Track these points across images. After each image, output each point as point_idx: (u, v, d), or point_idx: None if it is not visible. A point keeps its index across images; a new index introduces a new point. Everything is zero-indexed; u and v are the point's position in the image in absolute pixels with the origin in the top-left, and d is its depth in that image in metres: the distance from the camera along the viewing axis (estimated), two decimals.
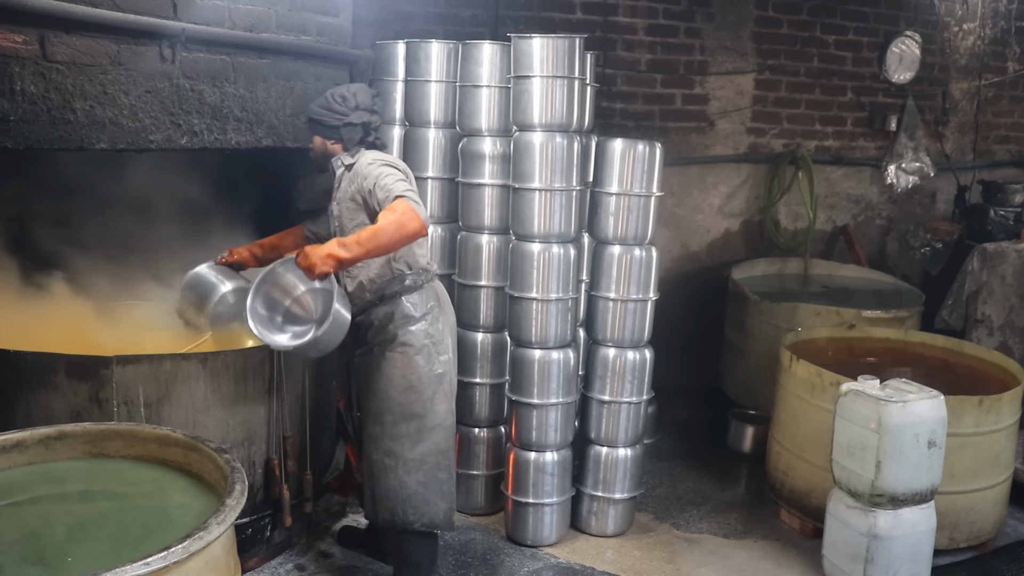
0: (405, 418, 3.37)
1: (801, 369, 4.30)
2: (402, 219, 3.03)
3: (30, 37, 2.91)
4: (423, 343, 3.35)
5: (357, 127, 3.39)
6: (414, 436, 3.38)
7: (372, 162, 3.30)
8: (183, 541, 2.17)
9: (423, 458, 3.39)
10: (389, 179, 3.19)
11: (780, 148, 6.45)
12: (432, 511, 3.43)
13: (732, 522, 4.47)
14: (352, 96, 3.40)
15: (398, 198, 3.09)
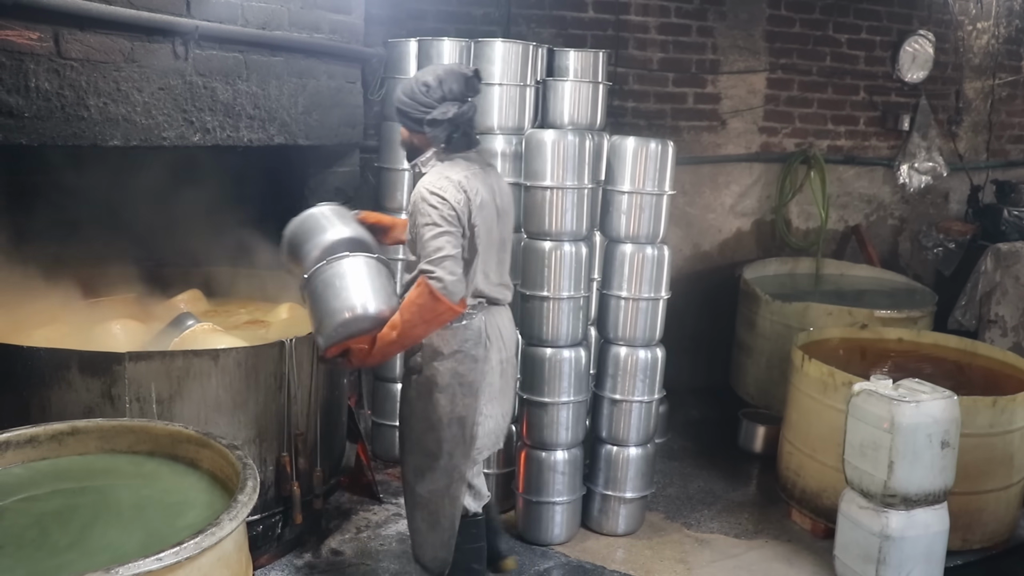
0: (416, 451, 3.22)
1: (813, 369, 4.29)
2: (423, 313, 2.92)
3: (45, 34, 2.92)
4: (448, 382, 3.12)
5: (443, 124, 3.04)
6: (423, 471, 3.21)
7: (423, 193, 2.98)
8: (195, 537, 2.17)
9: (430, 497, 3.22)
10: (427, 233, 2.94)
11: (792, 147, 6.43)
12: (427, 556, 3.29)
13: (743, 522, 4.46)
14: (438, 84, 3.04)
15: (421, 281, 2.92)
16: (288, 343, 3.49)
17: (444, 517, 3.25)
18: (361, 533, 4.07)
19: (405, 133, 3.16)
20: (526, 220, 3.89)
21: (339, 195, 4.52)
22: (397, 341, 3.00)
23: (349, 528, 4.11)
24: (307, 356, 3.61)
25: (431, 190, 2.98)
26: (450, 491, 3.22)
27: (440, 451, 3.17)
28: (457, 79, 3.07)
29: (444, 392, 3.12)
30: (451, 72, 3.09)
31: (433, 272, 2.92)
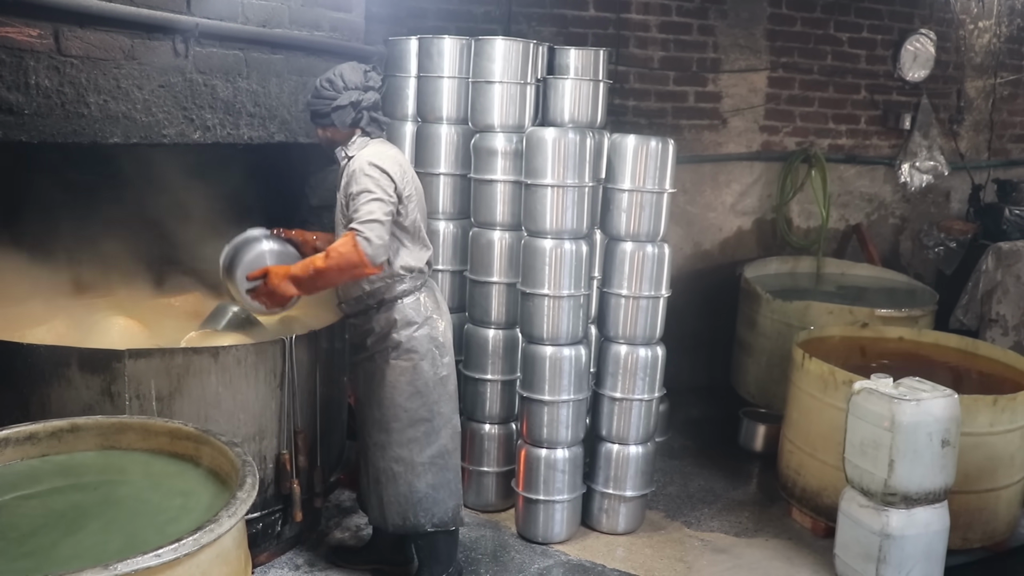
0: (412, 423, 3.37)
1: (814, 367, 4.28)
2: (342, 262, 3.08)
3: (45, 31, 2.91)
4: (427, 348, 3.34)
5: (346, 108, 3.25)
6: (422, 440, 3.38)
7: (361, 165, 3.19)
8: (194, 533, 2.16)
9: (432, 461, 3.40)
10: (361, 200, 3.14)
11: (793, 146, 6.43)
12: (441, 510, 3.45)
13: (743, 521, 4.45)
14: (338, 77, 3.27)
15: (349, 232, 3.09)
16: (288, 340, 3.49)
17: (450, 470, 3.47)
18: (361, 531, 4.06)
19: (320, 132, 3.36)
20: (526, 218, 3.88)
21: None
22: (313, 277, 3.15)
23: (349, 526, 4.11)
24: (307, 353, 3.61)
25: (371, 161, 3.19)
26: (450, 445, 3.46)
27: (432, 414, 3.38)
28: (355, 72, 3.30)
29: (425, 358, 3.34)
30: (349, 66, 3.33)
31: (362, 231, 3.08)
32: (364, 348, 3.39)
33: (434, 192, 4.14)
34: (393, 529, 3.48)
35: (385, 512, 3.45)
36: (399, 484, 3.39)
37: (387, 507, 3.43)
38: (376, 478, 3.43)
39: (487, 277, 4.07)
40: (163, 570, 2.10)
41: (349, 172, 3.24)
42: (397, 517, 3.43)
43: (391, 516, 3.44)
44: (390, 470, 3.39)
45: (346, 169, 3.29)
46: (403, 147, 4.26)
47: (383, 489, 3.42)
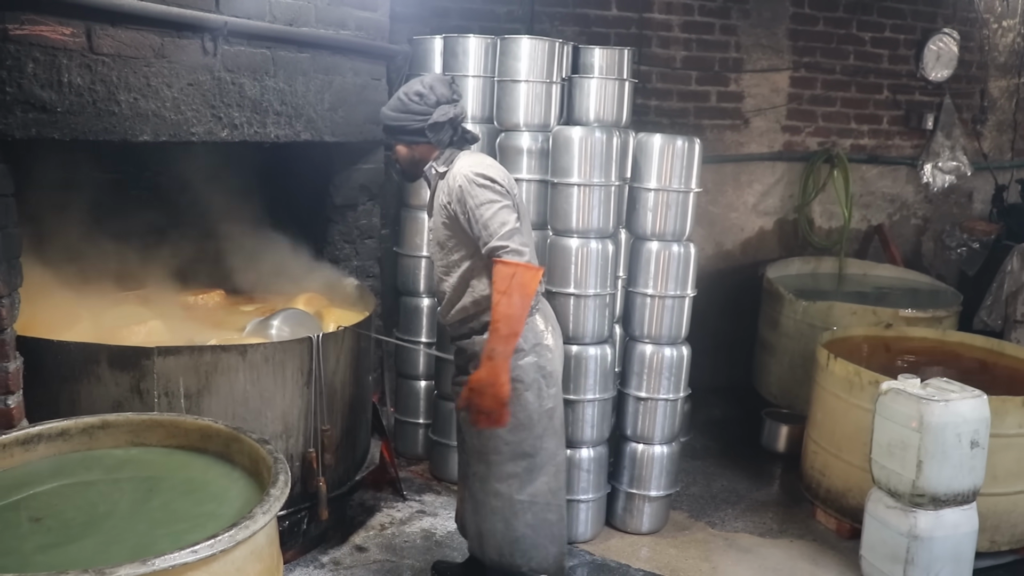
0: (514, 458, 3.15)
1: (839, 368, 4.26)
2: (522, 296, 2.87)
3: (77, 30, 2.92)
4: (533, 378, 3.11)
5: (445, 125, 3.08)
6: (523, 476, 3.17)
7: (467, 177, 2.98)
8: (230, 530, 2.17)
9: (533, 499, 3.18)
10: (487, 211, 2.93)
11: (815, 146, 6.41)
12: (541, 556, 3.23)
13: (767, 521, 4.44)
14: (429, 91, 3.08)
15: (499, 261, 2.88)
16: (315, 339, 3.49)
17: (552, 511, 3.24)
18: (385, 530, 4.07)
19: (403, 150, 3.18)
20: (553, 217, 3.88)
21: (363, 192, 4.53)
22: (505, 335, 2.89)
23: (373, 524, 4.12)
24: (333, 352, 3.61)
25: (476, 171, 3.00)
26: (553, 484, 3.23)
27: (537, 449, 3.16)
28: (443, 83, 3.14)
29: (531, 388, 3.11)
30: (436, 79, 3.16)
31: (507, 246, 2.89)
32: (466, 372, 3.17)
33: None
34: (490, 564, 3.30)
35: (483, 544, 3.29)
36: (496, 520, 3.21)
37: (485, 539, 3.27)
38: (475, 508, 3.28)
39: None
40: (199, 566, 2.11)
41: (451, 188, 3.04)
42: (494, 552, 3.26)
43: (488, 550, 3.28)
44: (488, 503, 3.21)
45: (440, 184, 3.13)
46: None
47: (482, 521, 3.26)
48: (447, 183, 3.08)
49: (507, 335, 2.88)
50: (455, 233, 3.09)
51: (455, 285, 3.15)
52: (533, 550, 3.22)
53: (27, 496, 2.57)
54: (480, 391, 2.90)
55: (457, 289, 3.15)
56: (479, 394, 2.91)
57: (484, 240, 2.94)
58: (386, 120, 3.17)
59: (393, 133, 3.17)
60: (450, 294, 3.18)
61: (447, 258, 3.15)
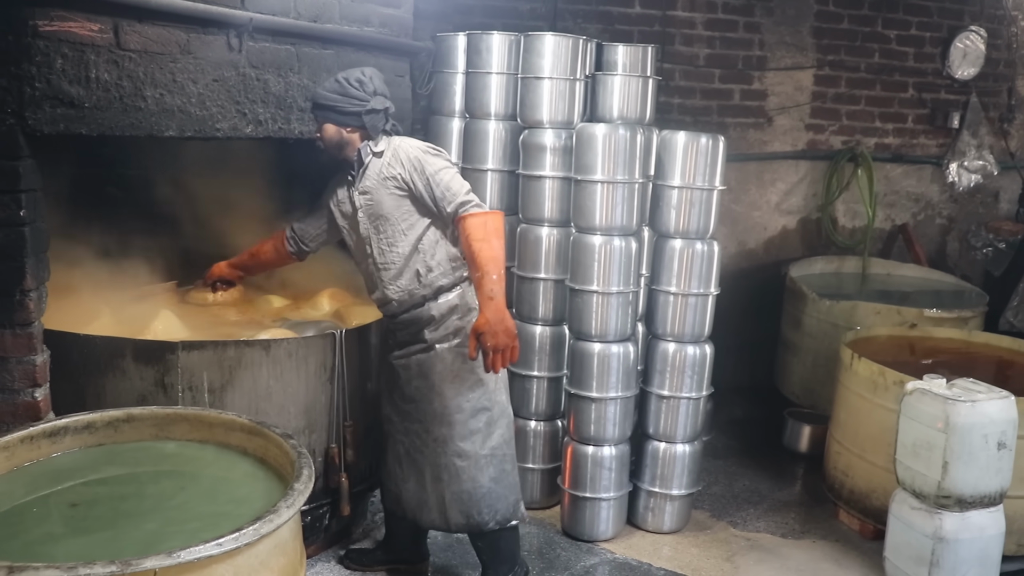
0: (474, 414, 3.30)
1: (863, 367, 4.23)
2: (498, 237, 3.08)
3: (105, 25, 2.94)
4: None
5: (380, 113, 3.22)
6: (484, 431, 3.32)
7: (420, 148, 3.22)
8: (254, 523, 2.18)
9: (493, 452, 3.34)
10: (446, 175, 3.16)
11: (839, 145, 6.36)
12: (503, 506, 3.38)
13: (790, 522, 4.41)
14: (369, 80, 3.23)
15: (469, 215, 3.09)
16: (339, 334, 3.50)
17: (508, 461, 3.42)
18: None
19: (332, 131, 3.25)
20: (576, 214, 3.87)
21: None
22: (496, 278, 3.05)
23: None
24: (357, 347, 3.62)
25: (425, 145, 3.27)
26: (507, 434, 3.41)
27: (492, 402, 3.33)
28: (380, 78, 3.29)
29: None
30: (375, 72, 3.29)
31: (472, 200, 3.13)
32: (420, 340, 3.29)
33: (482, 188, 4.14)
34: (455, 529, 3.41)
35: (447, 511, 3.36)
36: (462, 480, 3.31)
37: (449, 506, 3.35)
38: (436, 476, 3.35)
39: (535, 273, 4.06)
40: (224, 559, 2.12)
41: (391, 160, 3.22)
42: (460, 516, 3.35)
43: (453, 515, 3.36)
44: (452, 466, 3.31)
45: (374, 163, 3.26)
46: (450, 143, 4.27)
47: (444, 487, 3.34)
48: (391, 157, 3.23)
49: (499, 275, 3.05)
50: (408, 199, 3.22)
51: (406, 252, 3.24)
52: (497, 502, 3.36)
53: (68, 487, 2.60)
54: (493, 332, 2.99)
55: (407, 255, 3.25)
56: (492, 335, 2.99)
57: (448, 200, 3.13)
58: (320, 99, 3.23)
59: (324, 111, 3.23)
60: (400, 262, 3.25)
61: (394, 227, 3.24)
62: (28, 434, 2.73)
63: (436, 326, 3.27)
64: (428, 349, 3.29)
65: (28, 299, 2.92)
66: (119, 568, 1.95)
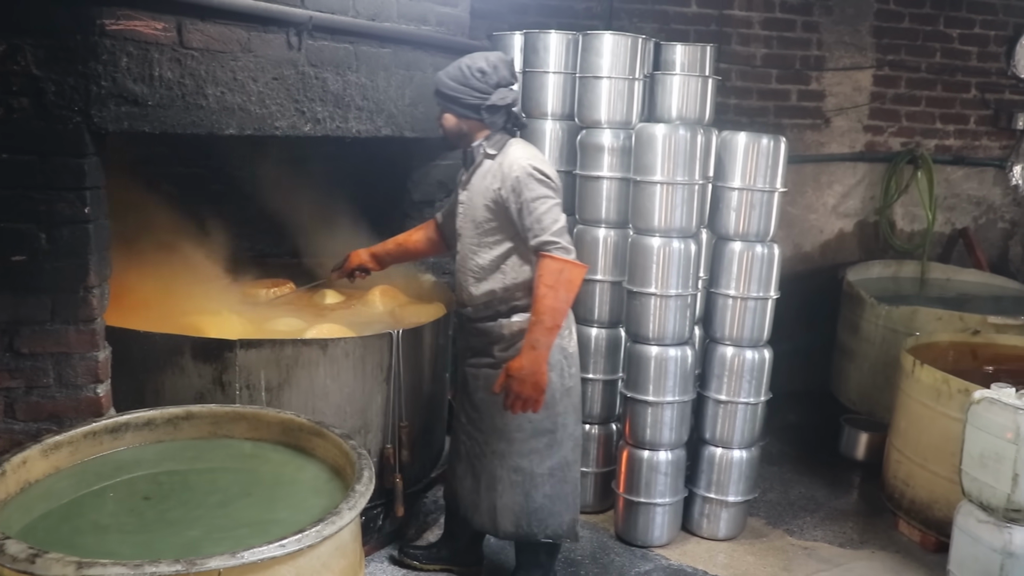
0: (536, 435, 3.25)
1: (926, 374, 4.12)
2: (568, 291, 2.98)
3: (169, 24, 2.95)
4: (557, 359, 3.19)
5: (501, 110, 3.11)
6: (544, 452, 3.27)
7: (525, 170, 3.02)
8: (316, 525, 2.17)
9: (552, 472, 3.29)
10: (542, 206, 2.99)
11: (898, 147, 6.23)
12: (556, 522, 3.34)
13: (848, 531, 4.32)
14: (493, 70, 3.08)
15: (549, 256, 2.96)
16: (395, 334, 3.49)
17: (568, 483, 3.35)
18: None
19: (452, 120, 3.17)
20: (634, 215, 3.82)
21: (441, 189, 4.52)
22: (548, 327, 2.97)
23: None
24: (413, 348, 3.60)
25: (534, 165, 3.05)
26: (570, 457, 3.34)
27: (557, 426, 3.26)
28: (506, 65, 3.14)
29: (554, 369, 3.17)
30: (500, 59, 3.14)
31: (558, 243, 2.98)
32: (489, 355, 3.25)
33: None
34: (504, 536, 3.40)
35: (497, 519, 3.35)
36: (515, 493, 3.29)
37: (500, 513, 3.34)
38: (491, 485, 3.33)
39: (591, 275, 4.00)
40: (286, 560, 2.11)
41: (497, 169, 3.10)
42: (510, 525, 3.34)
43: (503, 523, 3.34)
44: (508, 479, 3.29)
45: (485, 163, 3.16)
46: None
47: (497, 496, 3.32)
48: (497, 167, 3.10)
49: (551, 327, 2.97)
50: (496, 217, 3.13)
51: (486, 266, 3.19)
52: (550, 518, 3.32)
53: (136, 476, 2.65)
54: (522, 379, 2.95)
55: (487, 269, 3.19)
56: (520, 382, 2.96)
57: (535, 233, 3.00)
58: (442, 87, 3.14)
59: (446, 101, 3.15)
60: (478, 272, 3.21)
61: (480, 237, 3.19)
62: (91, 429, 2.76)
63: (506, 345, 3.21)
64: (496, 366, 3.22)
65: (91, 295, 2.94)
66: (184, 567, 1.95)
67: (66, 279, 2.91)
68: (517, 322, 3.19)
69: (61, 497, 2.52)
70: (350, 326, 3.76)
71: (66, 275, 2.90)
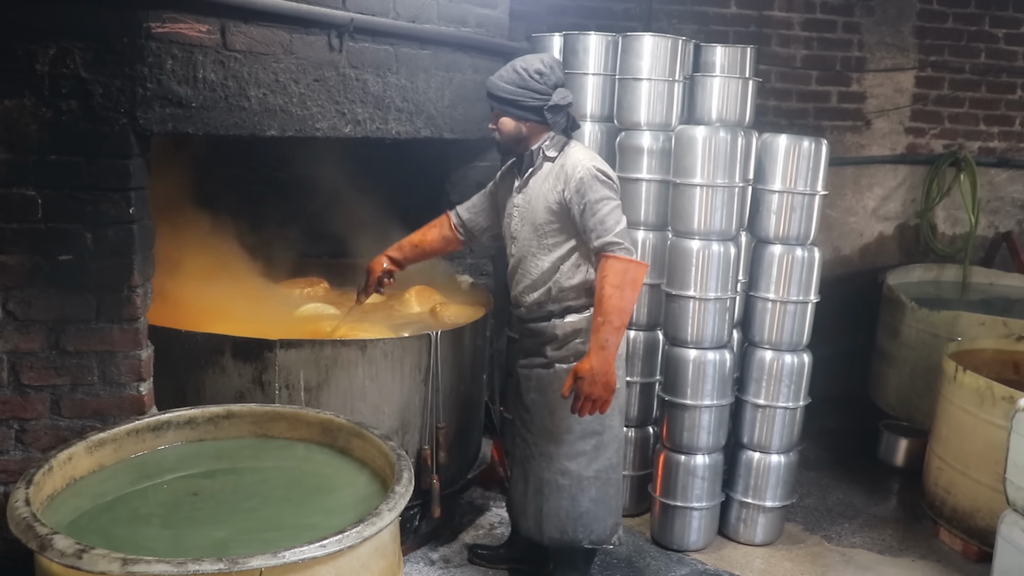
0: (584, 436, 3.26)
1: (969, 381, 4.06)
2: (633, 289, 2.98)
3: (213, 27, 2.98)
4: None
5: (562, 110, 3.09)
6: (591, 454, 3.28)
7: (590, 171, 3.03)
8: (357, 526, 2.18)
9: (598, 475, 3.30)
10: (605, 207, 3.01)
11: (940, 149, 6.15)
12: (600, 527, 3.36)
13: (887, 538, 4.26)
14: (550, 71, 3.07)
15: (613, 257, 2.96)
16: (434, 335, 3.49)
17: (612, 485, 3.37)
18: (495, 529, 4.05)
19: (510, 124, 3.14)
20: (674, 218, 3.80)
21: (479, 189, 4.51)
22: (615, 326, 2.96)
23: (483, 524, 4.10)
24: (452, 349, 3.61)
25: (597, 167, 3.06)
26: (615, 459, 3.36)
27: (604, 427, 3.28)
28: (559, 65, 3.15)
29: None
30: (553, 60, 3.15)
31: (622, 243, 2.99)
32: (541, 355, 3.26)
33: None
34: (549, 543, 3.39)
35: (543, 524, 3.35)
36: (562, 497, 3.30)
37: (546, 519, 3.34)
38: (538, 488, 3.33)
39: None
40: (327, 560, 2.13)
41: (559, 172, 3.10)
42: (555, 531, 3.34)
43: (548, 529, 3.35)
44: (555, 482, 3.29)
45: (545, 166, 3.16)
46: None
47: (544, 501, 3.32)
48: (560, 169, 3.10)
49: (619, 327, 2.97)
50: (558, 219, 3.12)
51: (545, 268, 3.18)
52: (594, 523, 3.33)
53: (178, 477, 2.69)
54: (592, 380, 2.94)
55: (547, 272, 3.18)
56: (591, 383, 2.94)
57: (598, 234, 3.01)
58: (497, 91, 3.10)
59: (504, 104, 3.11)
60: (537, 275, 3.20)
61: (540, 240, 3.18)
62: (134, 427, 2.81)
63: (559, 345, 3.23)
64: (548, 366, 3.26)
65: (135, 295, 2.97)
66: (227, 566, 1.97)
67: (111, 278, 2.94)
68: (570, 322, 3.20)
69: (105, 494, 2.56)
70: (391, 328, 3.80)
71: (111, 274, 2.94)
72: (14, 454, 2.99)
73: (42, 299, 2.92)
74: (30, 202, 2.86)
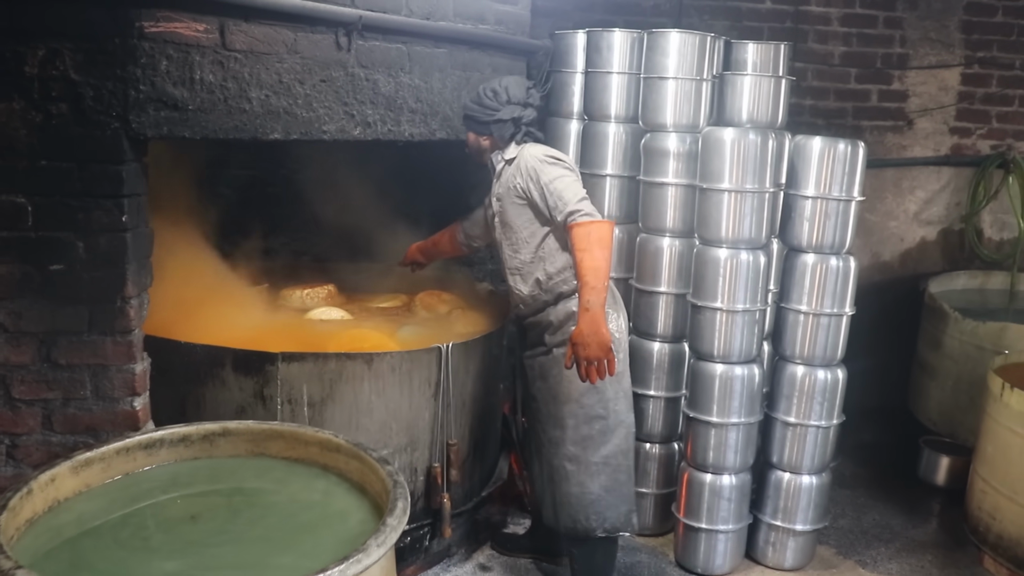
0: (588, 420, 3.27)
1: (1016, 400, 3.82)
2: (601, 247, 3.02)
3: (211, 26, 2.85)
4: None
5: (507, 123, 3.31)
6: (597, 438, 3.28)
7: (538, 158, 3.24)
8: (340, 564, 2.03)
9: (606, 460, 3.30)
10: (560, 183, 3.17)
11: (987, 150, 5.87)
12: (613, 515, 3.34)
13: (926, 565, 4.04)
14: (504, 90, 3.32)
15: (575, 225, 3.06)
16: (444, 348, 3.34)
17: (623, 472, 3.36)
18: None
19: (472, 137, 3.43)
20: (700, 225, 3.61)
21: None
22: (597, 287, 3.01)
23: None
24: (463, 362, 3.45)
25: (545, 153, 3.27)
26: (624, 445, 3.35)
27: (608, 411, 3.28)
28: (519, 86, 3.38)
29: None
30: (514, 81, 3.41)
31: (581, 210, 3.09)
32: (541, 343, 3.34)
33: (600, 194, 3.93)
34: (564, 532, 3.38)
35: (558, 512, 3.37)
36: (571, 483, 3.30)
37: (559, 507, 3.35)
38: (551, 476, 3.36)
39: (654, 287, 3.81)
40: None
41: (516, 168, 3.28)
42: (568, 519, 3.33)
43: (563, 517, 3.35)
44: (563, 468, 3.31)
45: (506, 170, 3.34)
46: (568, 146, 4.06)
47: (556, 488, 3.35)
48: (515, 167, 3.29)
49: (597, 286, 3.02)
50: (527, 210, 3.28)
51: (529, 260, 3.32)
52: (607, 511, 3.33)
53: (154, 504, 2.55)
54: (585, 342, 2.97)
55: (531, 263, 3.31)
56: (585, 345, 2.97)
57: (560, 209, 3.13)
58: (464, 108, 3.45)
59: (465, 120, 3.44)
60: (525, 269, 3.34)
61: (518, 235, 3.32)
62: (124, 446, 2.68)
63: (555, 331, 3.30)
64: (548, 352, 3.32)
65: (129, 306, 2.86)
66: None
67: (103, 289, 2.83)
68: (563, 308, 3.28)
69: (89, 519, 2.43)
70: None
71: (103, 285, 2.83)
72: (5, 470, 2.90)
73: (33, 310, 2.82)
74: (20, 209, 2.76)
